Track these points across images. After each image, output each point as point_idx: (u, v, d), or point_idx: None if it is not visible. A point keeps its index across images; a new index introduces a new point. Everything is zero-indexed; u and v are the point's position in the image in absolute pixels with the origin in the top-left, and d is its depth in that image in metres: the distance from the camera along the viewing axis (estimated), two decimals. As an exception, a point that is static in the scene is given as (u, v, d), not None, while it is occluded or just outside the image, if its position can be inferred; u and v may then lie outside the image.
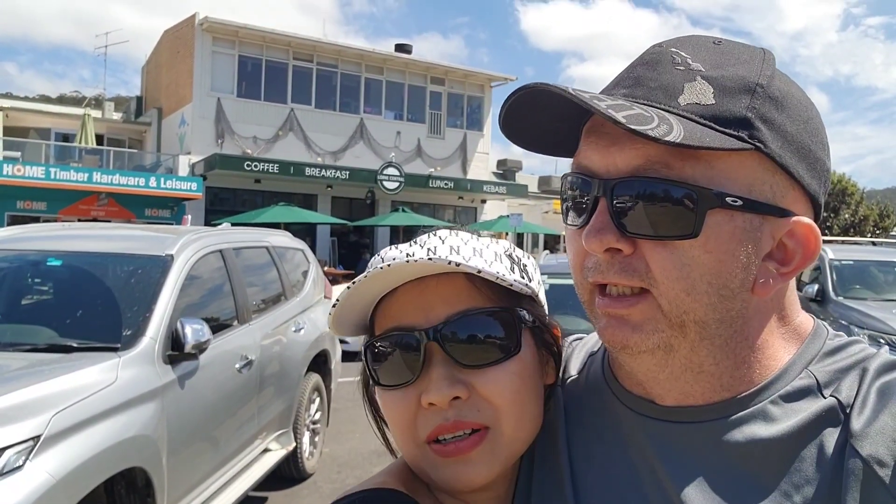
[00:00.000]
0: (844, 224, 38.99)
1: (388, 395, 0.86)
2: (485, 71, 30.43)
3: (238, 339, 4.79)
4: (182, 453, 3.83)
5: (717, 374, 0.77)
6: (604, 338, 0.78)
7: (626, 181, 0.72)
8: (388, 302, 0.87)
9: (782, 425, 0.74)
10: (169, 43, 27.59)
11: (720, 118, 0.71)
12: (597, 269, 0.75)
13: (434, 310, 0.84)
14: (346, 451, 6.60)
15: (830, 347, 0.80)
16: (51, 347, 3.68)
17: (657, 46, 0.80)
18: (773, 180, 0.74)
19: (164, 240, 4.56)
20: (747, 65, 0.76)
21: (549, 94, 0.72)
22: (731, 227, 0.71)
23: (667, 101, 0.72)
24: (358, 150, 26.61)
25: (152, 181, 21.79)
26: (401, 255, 0.86)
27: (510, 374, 0.84)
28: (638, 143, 0.71)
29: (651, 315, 0.74)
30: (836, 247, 11.43)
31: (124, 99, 38.21)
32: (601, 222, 0.73)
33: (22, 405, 2.95)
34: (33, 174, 20.04)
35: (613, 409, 0.86)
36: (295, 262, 6.52)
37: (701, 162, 0.71)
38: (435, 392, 0.81)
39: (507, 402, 0.83)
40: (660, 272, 0.72)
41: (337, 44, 27.24)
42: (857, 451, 0.69)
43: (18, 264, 4.55)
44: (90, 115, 25.47)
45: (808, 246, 0.76)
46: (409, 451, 0.86)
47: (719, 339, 0.75)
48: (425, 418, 0.83)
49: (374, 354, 0.87)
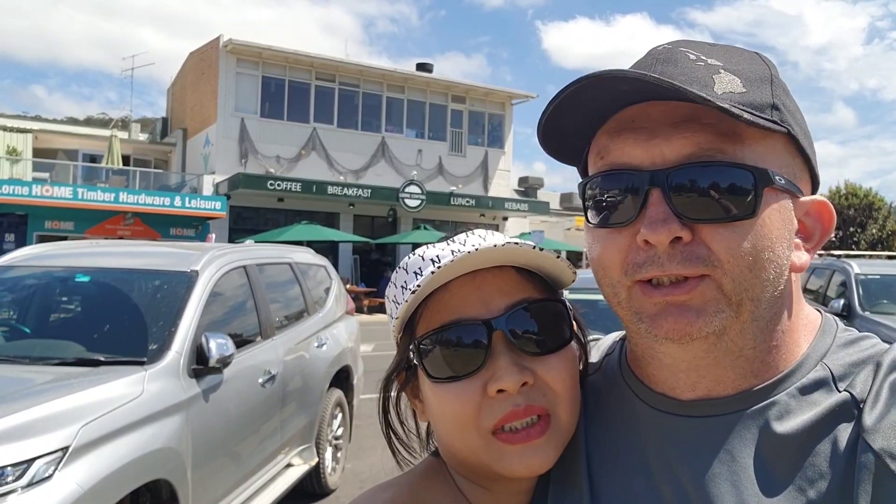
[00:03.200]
0: (872, 239, 38.43)
1: (446, 388, 0.86)
2: (505, 89, 30.54)
3: (261, 354, 4.83)
4: (206, 466, 3.87)
5: (752, 358, 0.78)
6: (662, 328, 0.75)
7: (683, 168, 0.73)
8: (438, 297, 0.87)
9: (798, 420, 0.75)
10: (194, 65, 28.04)
11: (755, 104, 0.74)
12: (652, 264, 0.74)
13: (494, 301, 0.86)
14: (368, 466, 6.60)
15: (844, 340, 0.81)
16: (79, 361, 3.74)
17: (661, 47, 0.82)
18: (794, 163, 0.78)
19: (188, 256, 4.63)
20: (753, 62, 0.80)
21: (600, 85, 0.73)
22: (778, 205, 0.76)
23: (704, 90, 0.74)
24: (379, 169, 26.78)
25: (177, 201, 22.08)
26: (465, 246, 0.87)
27: (568, 361, 0.88)
28: (686, 132, 0.73)
29: (712, 296, 0.74)
30: (862, 261, 11.27)
31: (150, 120, 38.79)
32: (662, 212, 0.73)
33: (51, 417, 3.01)
34: (61, 194, 20.43)
35: (633, 408, 0.87)
36: (317, 278, 6.57)
37: (746, 146, 0.74)
38: (507, 378, 0.83)
39: (567, 388, 0.87)
40: (725, 252, 0.73)
41: (359, 64, 27.52)
42: (870, 445, 0.70)
43: (47, 280, 4.64)
44: (117, 136, 25.94)
45: (825, 221, 0.82)
46: (470, 443, 0.86)
47: (763, 320, 0.77)
48: (491, 407, 0.84)
49: (430, 349, 0.87)
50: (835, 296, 10.06)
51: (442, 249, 0.89)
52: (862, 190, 39.63)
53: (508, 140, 30.39)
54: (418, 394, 0.94)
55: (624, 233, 0.77)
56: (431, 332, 0.87)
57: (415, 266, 0.89)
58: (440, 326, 0.87)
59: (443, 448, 0.94)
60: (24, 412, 2.97)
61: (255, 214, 25.00)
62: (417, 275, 0.87)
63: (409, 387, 0.95)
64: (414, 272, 0.88)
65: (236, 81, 25.04)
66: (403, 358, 0.92)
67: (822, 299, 10.46)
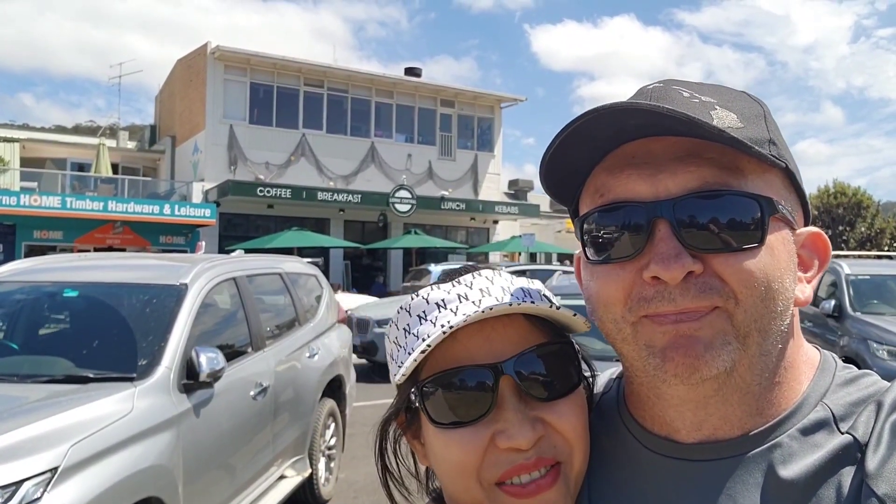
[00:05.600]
0: (861, 237, 38.65)
1: (450, 435, 0.83)
2: (494, 92, 30.60)
3: (252, 366, 4.80)
4: (198, 482, 3.84)
5: (758, 395, 0.77)
6: (671, 364, 0.73)
7: (689, 199, 0.73)
8: (445, 346, 0.82)
9: (801, 463, 0.74)
10: (182, 72, 27.96)
11: (753, 139, 0.74)
12: (662, 299, 0.73)
13: (503, 352, 0.83)
14: (362, 476, 6.57)
15: (843, 379, 0.80)
16: (68, 378, 3.71)
17: (653, 85, 0.81)
18: (789, 197, 0.79)
19: (178, 269, 4.60)
20: (744, 100, 0.80)
21: (605, 119, 0.72)
22: (781, 235, 0.76)
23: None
24: (369, 174, 26.75)
25: (166, 209, 21.99)
26: (472, 290, 0.85)
27: (577, 406, 0.86)
28: (690, 166, 0.73)
29: (721, 327, 0.73)
30: (852, 261, 11.31)
31: (138, 127, 38.66)
32: (673, 247, 0.72)
33: (40, 437, 2.97)
34: (50, 204, 20.30)
35: (632, 451, 0.85)
36: (308, 287, 6.55)
37: (748, 180, 0.74)
38: (520, 437, 0.79)
39: (578, 435, 0.84)
40: (737, 282, 0.72)
41: (347, 69, 27.50)
42: (874, 490, 0.69)
43: (35, 295, 4.59)
44: (105, 144, 25.80)
45: (821, 252, 0.83)
46: (471, 494, 0.83)
47: (769, 355, 0.76)
48: (497, 458, 0.81)
49: (433, 392, 0.83)
50: (825, 296, 10.08)
51: (447, 293, 0.86)
52: (850, 188, 39.86)
53: (498, 143, 30.43)
54: (419, 436, 0.90)
55: (627, 267, 0.75)
56: (435, 375, 0.83)
57: (418, 309, 0.86)
58: (445, 370, 0.83)
59: (445, 494, 0.91)
60: (11, 432, 2.93)
61: (245, 221, 24.92)
62: (422, 319, 0.84)
63: (411, 431, 0.92)
64: (418, 315, 0.86)
65: (224, 88, 24.98)
66: (404, 400, 0.88)
67: (812, 300, 10.48)
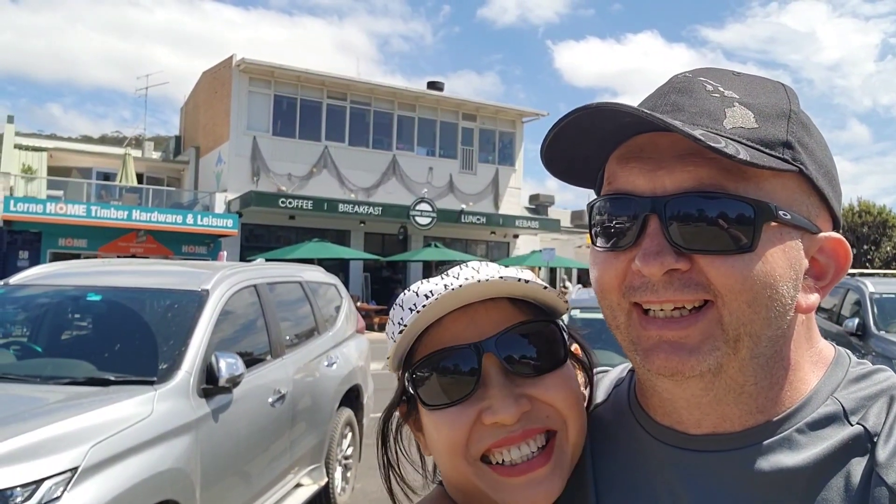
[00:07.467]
0: (886, 257, 38.12)
1: (439, 415, 0.86)
2: (516, 107, 30.68)
3: (271, 373, 4.83)
4: (215, 487, 3.86)
5: (755, 395, 0.77)
6: (653, 365, 0.75)
7: (682, 197, 0.73)
8: (433, 332, 0.87)
9: (808, 454, 0.74)
10: (207, 83, 28.31)
11: (765, 141, 0.73)
12: (647, 289, 0.74)
13: (486, 331, 0.85)
14: (377, 486, 6.54)
15: (856, 374, 0.80)
16: (89, 381, 3.75)
17: (682, 75, 0.81)
18: (808, 201, 0.77)
19: (199, 275, 4.65)
20: (775, 94, 0.79)
21: (601, 115, 0.73)
22: (782, 241, 0.74)
23: (712, 124, 0.74)
24: (390, 187, 26.87)
25: (189, 218, 22.22)
26: (458, 280, 0.86)
27: (565, 379, 0.87)
28: (689, 165, 0.73)
29: (710, 332, 0.73)
30: (876, 280, 11.16)
31: (163, 138, 39.18)
32: (657, 244, 0.73)
33: (61, 437, 3.01)
34: (75, 212, 20.59)
35: (640, 440, 0.86)
36: (328, 297, 6.57)
37: (750, 182, 0.73)
38: (504, 412, 0.81)
39: (571, 403, 0.86)
40: (722, 284, 0.72)
41: (370, 82, 27.71)
42: (884, 479, 0.69)
43: (59, 299, 4.67)
44: (130, 154, 26.16)
45: (840, 259, 0.80)
46: (459, 470, 0.85)
47: (763, 357, 0.76)
48: (481, 434, 0.83)
49: (422, 376, 0.87)
50: (849, 315, 9.96)
51: (436, 284, 0.88)
52: (876, 207, 39.35)
53: (519, 157, 30.45)
54: (421, 427, 0.93)
55: (621, 257, 0.77)
56: (423, 359, 0.86)
57: (409, 302, 0.88)
58: (431, 353, 0.86)
59: (443, 479, 0.93)
60: (33, 432, 2.98)
61: (266, 232, 25.10)
62: (412, 311, 0.87)
63: (412, 420, 0.95)
64: (409, 308, 0.88)
65: (249, 100, 25.25)
66: (401, 388, 0.92)
67: (836, 318, 10.36)
